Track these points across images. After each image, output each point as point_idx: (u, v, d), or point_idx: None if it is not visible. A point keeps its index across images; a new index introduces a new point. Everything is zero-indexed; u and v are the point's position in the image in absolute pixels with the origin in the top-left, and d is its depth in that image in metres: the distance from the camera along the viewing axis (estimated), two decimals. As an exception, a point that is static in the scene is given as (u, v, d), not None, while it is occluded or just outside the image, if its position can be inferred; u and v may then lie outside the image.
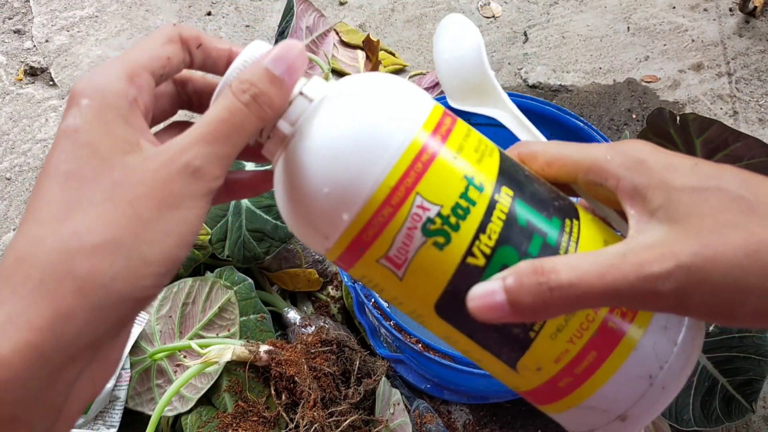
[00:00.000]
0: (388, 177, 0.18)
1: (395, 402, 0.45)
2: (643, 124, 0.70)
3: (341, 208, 0.19)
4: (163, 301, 0.50)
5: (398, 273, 0.19)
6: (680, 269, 0.16)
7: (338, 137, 0.19)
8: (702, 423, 0.47)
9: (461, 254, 0.19)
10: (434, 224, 0.18)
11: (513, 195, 0.19)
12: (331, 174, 0.18)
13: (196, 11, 0.81)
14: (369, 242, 0.19)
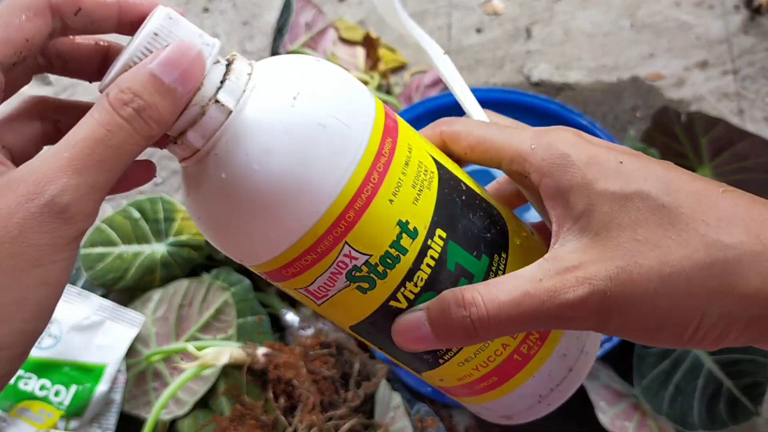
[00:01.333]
0: (316, 225, 0.17)
1: (396, 406, 0.44)
2: (648, 122, 0.69)
3: (262, 245, 0.17)
4: (159, 303, 0.50)
5: (317, 302, 0.19)
6: (595, 295, 0.16)
7: (266, 171, 0.16)
8: (707, 426, 0.46)
9: (384, 299, 0.18)
10: (360, 272, 0.18)
11: (446, 237, 0.18)
12: (255, 209, 0.16)
13: (192, 7, 0.80)
14: (289, 276, 0.18)
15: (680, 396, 0.46)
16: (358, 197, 0.17)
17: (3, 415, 0.46)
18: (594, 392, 0.48)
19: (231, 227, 0.17)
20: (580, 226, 0.17)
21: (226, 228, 0.17)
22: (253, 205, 0.16)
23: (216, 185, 0.16)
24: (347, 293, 0.18)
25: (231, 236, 0.17)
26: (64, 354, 0.47)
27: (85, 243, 0.54)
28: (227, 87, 0.17)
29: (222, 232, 0.18)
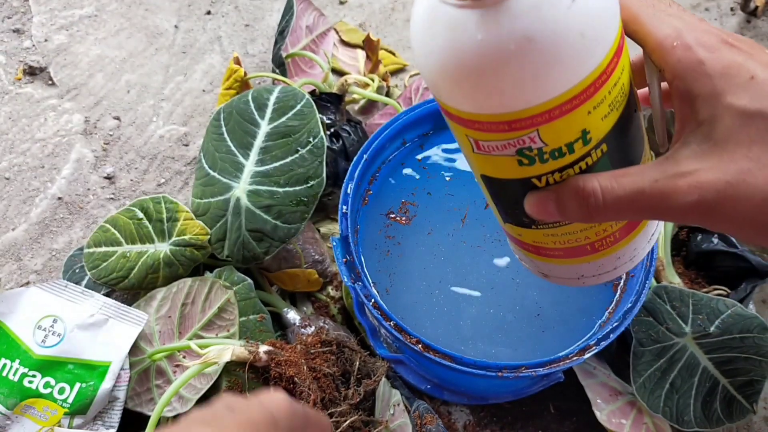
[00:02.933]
0: (531, 108, 0.19)
1: (395, 403, 0.45)
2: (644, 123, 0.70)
3: (484, 96, 0.19)
4: (163, 302, 0.50)
5: (475, 149, 0.21)
6: (702, 204, 0.18)
7: (544, 29, 0.18)
8: (703, 424, 0.46)
9: (531, 175, 0.21)
10: (530, 152, 0.20)
11: (606, 151, 0.21)
12: (502, 70, 0.18)
13: (195, 10, 0.81)
14: (474, 128, 0.20)
15: (676, 394, 0.47)
16: (572, 102, 0.19)
17: (8, 413, 0.46)
18: (591, 390, 0.48)
19: (484, 71, 0.18)
20: (702, 132, 0.19)
21: (478, 71, 0.18)
22: (530, 57, 0.18)
23: (505, 31, 0.18)
24: (506, 159, 0.21)
25: (475, 79, 0.19)
26: (68, 352, 0.48)
27: (89, 243, 0.54)
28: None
29: (470, 74, 0.19)
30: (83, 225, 0.64)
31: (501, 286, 0.45)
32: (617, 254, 0.25)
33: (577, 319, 0.44)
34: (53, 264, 0.62)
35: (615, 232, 0.24)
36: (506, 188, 0.22)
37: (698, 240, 0.53)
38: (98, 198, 0.66)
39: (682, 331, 0.47)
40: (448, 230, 0.47)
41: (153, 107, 0.72)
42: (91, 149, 0.69)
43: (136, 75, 0.75)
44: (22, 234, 0.63)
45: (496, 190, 0.23)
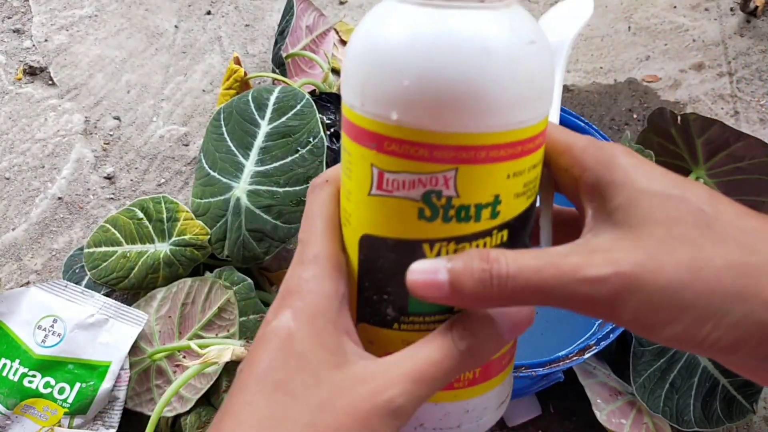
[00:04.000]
0: (464, 134, 0.17)
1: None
2: (644, 123, 0.70)
3: (406, 105, 0.17)
4: (163, 302, 0.50)
5: (373, 189, 0.18)
6: (618, 276, 0.16)
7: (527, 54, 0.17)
8: (703, 424, 0.46)
9: (427, 237, 0.18)
10: (438, 199, 0.18)
11: (504, 240, 0.19)
12: (456, 76, 0.16)
13: (195, 10, 0.81)
14: (390, 153, 0.17)
15: (676, 394, 0.47)
16: (501, 148, 0.17)
17: (8, 413, 0.46)
18: (591, 390, 0.48)
19: (405, 83, 0.17)
20: (615, 219, 0.18)
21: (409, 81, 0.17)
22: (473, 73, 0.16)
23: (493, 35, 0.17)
24: (407, 207, 0.18)
25: (402, 87, 0.17)
26: (68, 352, 0.48)
27: (89, 243, 0.54)
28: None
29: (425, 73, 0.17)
30: (83, 225, 0.64)
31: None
32: (467, 404, 0.21)
33: (576, 319, 0.44)
34: (53, 264, 0.62)
35: (475, 371, 0.20)
36: (388, 255, 0.19)
37: (698, 240, 0.53)
38: (98, 198, 0.66)
39: (682, 331, 0.47)
40: (448, 230, 0.47)
41: (153, 107, 0.72)
42: (91, 149, 0.69)
43: (136, 75, 0.75)
44: (22, 234, 0.63)
45: (373, 260, 0.19)
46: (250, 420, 0.17)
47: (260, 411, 0.17)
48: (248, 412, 0.17)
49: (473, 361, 0.18)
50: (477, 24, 0.17)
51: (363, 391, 0.17)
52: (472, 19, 0.17)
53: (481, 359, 0.19)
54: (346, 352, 0.18)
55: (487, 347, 0.19)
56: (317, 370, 0.18)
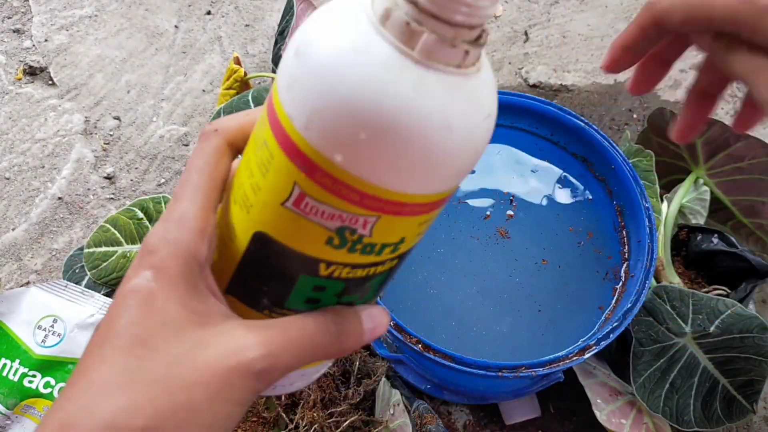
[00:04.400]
0: (395, 193, 0.17)
1: (395, 403, 0.45)
2: (644, 123, 0.70)
3: (354, 155, 0.16)
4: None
5: (288, 203, 0.17)
6: None
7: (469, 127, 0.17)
8: (703, 424, 0.46)
9: (328, 259, 0.18)
10: (352, 235, 0.18)
11: (392, 267, 0.20)
12: (416, 143, 0.16)
13: (195, 10, 0.81)
14: (319, 179, 0.17)
15: (676, 394, 0.47)
16: (426, 206, 0.18)
17: (8, 413, 0.46)
18: (591, 390, 0.48)
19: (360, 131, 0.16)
20: None
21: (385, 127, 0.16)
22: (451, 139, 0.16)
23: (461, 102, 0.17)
24: (316, 231, 0.18)
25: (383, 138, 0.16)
26: (68, 352, 0.48)
27: (89, 243, 0.54)
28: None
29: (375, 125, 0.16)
30: (83, 225, 0.64)
31: (502, 286, 0.45)
32: (304, 371, 0.22)
33: (576, 319, 0.44)
34: (53, 264, 0.62)
35: None
36: (280, 259, 0.18)
37: (698, 240, 0.54)
38: (98, 198, 0.66)
39: (682, 331, 0.47)
40: (449, 230, 0.47)
41: (153, 107, 0.72)
42: (91, 149, 0.69)
43: (136, 75, 0.75)
44: (22, 234, 0.63)
45: (262, 256, 0.19)
46: (102, 376, 0.16)
47: (115, 366, 0.16)
48: (102, 369, 0.16)
49: (338, 347, 0.19)
50: (449, 95, 0.16)
51: (227, 348, 0.17)
52: (445, 88, 0.16)
53: (343, 349, 0.19)
54: (210, 312, 0.18)
55: (351, 339, 0.19)
56: (179, 326, 0.17)
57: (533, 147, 0.51)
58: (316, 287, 0.19)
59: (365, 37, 0.16)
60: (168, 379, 0.16)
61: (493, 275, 0.45)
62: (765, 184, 0.53)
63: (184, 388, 0.16)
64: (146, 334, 0.17)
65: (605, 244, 0.47)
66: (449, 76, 0.16)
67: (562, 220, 0.48)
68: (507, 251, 0.46)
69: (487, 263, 0.46)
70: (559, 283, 0.45)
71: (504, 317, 0.44)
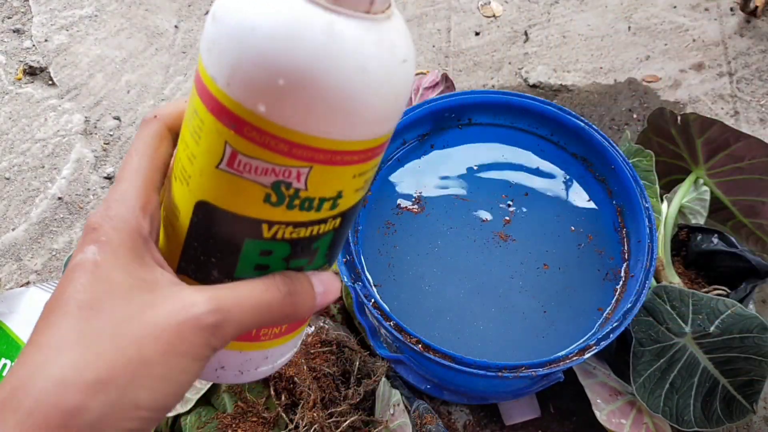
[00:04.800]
0: (321, 139, 0.17)
1: (395, 403, 0.45)
2: (644, 123, 0.70)
3: (276, 103, 0.17)
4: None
5: (222, 164, 0.18)
6: None
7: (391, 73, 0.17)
8: (703, 424, 0.46)
9: (268, 218, 0.18)
10: (287, 189, 0.18)
11: (336, 227, 0.20)
12: (336, 88, 0.16)
13: (195, 10, 0.81)
14: (247, 133, 0.17)
15: (676, 394, 0.47)
16: (357, 154, 0.18)
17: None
18: (591, 390, 0.48)
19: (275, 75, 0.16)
20: None
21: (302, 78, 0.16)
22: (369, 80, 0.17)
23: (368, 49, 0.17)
24: (253, 189, 0.18)
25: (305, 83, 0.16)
26: (68, 352, 0.48)
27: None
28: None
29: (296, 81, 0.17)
30: (83, 225, 0.64)
31: (502, 286, 0.45)
32: (267, 352, 0.22)
33: (576, 319, 0.44)
34: (53, 264, 0.62)
35: (285, 325, 0.22)
36: (223, 226, 0.19)
37: (698, 240, 0.54)
38: (98, 198, 0.66)
39: (682, 331, 0.47)
40: (448, 230, 0.47)
41: (153, 107, 0.72)
42: (91, 149, 0.69)
43: (136, 75, 0.75)
44: (22, 234, 0.63)
45: (206, 226, 0.19)
46: (51, 339, 0.16)
47: (62, 329, 0.16)
48: (50, 333, 0.16)
49: (290, 308, 0.19)
50: (360, 38, 0.17)
51: (175, 305, 0.17)
52: (356, 31, 0.17)
53: (295, 310, 0.19)
54: (158, 280, 0.18)
55: (302, 300, 0.20)
56: (126, 291, 0.17)
57: (533, 147, 0.51)
58: (262, 252, 0.19)
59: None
60: (117, 336, 0.17)
61: (493, 275, 0.45)
62: (765, 184, 0.53)
63: (133, 343, 0.16)
64: (93, 299, 0.17)
65: (605, 244, 0.47)
66: (359, 20, 0.17)
67: (562, 220, 0.48)
68: (507, 251, 0.46)
69: (486, 263, 0.46)
70: (559, 283, 0.45)
71: (504, 317, 0.44)
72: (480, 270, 0.46)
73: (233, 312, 0.18)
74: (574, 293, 0.45)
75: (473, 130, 0.52)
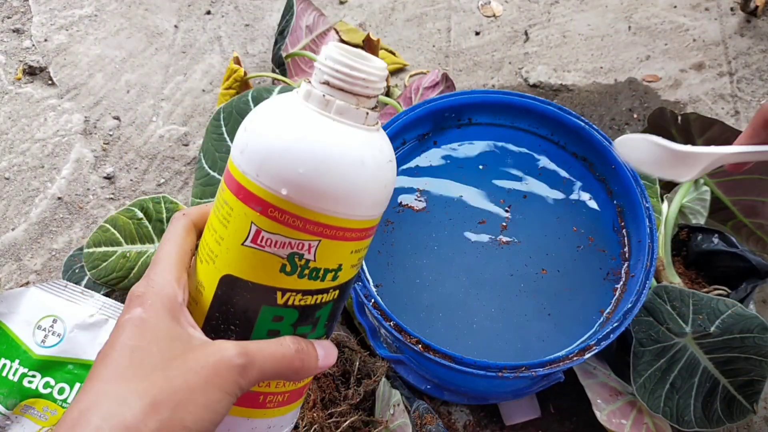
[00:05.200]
0: (329, 217, 0.22)
1: (395, 403, 0.45)
2: (644, 123, 0.70)
3: (296, 187, 0.22)
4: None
5: (248, 241, 0.23)
6: None
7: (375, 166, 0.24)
8: (703, 424, 0.46)
9: (282, 286, 0.23)
10: (300, 260, 0.23)
11: (335, 298, 0.25)
12: (341, 176, 0.22)
13: (195, 10, 0.81)
14: (271, 214, 0.22)
15: (677, 394, 0.47)
16: (358, 232, 0.23)
17: (7, 413, 0.46)
18: (591, 390, 0.48)
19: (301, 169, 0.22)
20: None
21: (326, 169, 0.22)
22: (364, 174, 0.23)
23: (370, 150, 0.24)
24: (272, 261, 0.23)
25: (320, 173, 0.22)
26: (68, 352, 0.47)
27: (88, 243, 0.54)
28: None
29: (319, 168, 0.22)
30: (83, 225, 0.64)
31: (502, 285, 0.45)
32: (270, 421, 0.26)
33: (577, 319, 0.44)
34: (53, 264, 0.62)
35: (287, 392, 0.26)
36: (244, 294, 0.23)
37: (698, 240, 0.53)
38: (98, 198, 0.66)
39: (683, 331, 0.47)
40: (449, 231, 0.47)
41: (153, 107, 0.72)
42: (90, 149, 0.69)
43: (135, 75, 0.75)
44: (22, 234, 0.63)
45: (228, 296, 0.24)
46: (111, 374, 0.20)
47: (120, 366, 0.20)
48: (110, 369, 0.20)
49: (299, 363, 0.23)
50: (358, 141, 0.23)
51: (211, 350, 0.22)
52: (355, 136, 0.23)
53: (303, 366, 0.23)
54: (192, 334, 0.23)
55: (308, 359, 0.24)
56: (169, 340, 0.22)
57: (533, 147, 0.51)
58: (275, 317, 0.23)
59: (296, 108, 0.23)
60: (166, 369, 0.20)
61: (493, 275, 0.45)
62: (765, 184, 0.53)
63: (179, 375, 0.20)
64: (142, 343, 0.21)
65: (605, 244, 0.47)
66: (357, 129, 0.23)
67: (562, 220, 0.47)
68: (507, 251, 0.46)
69: (487, 263, 0.46)
70: (560, 283, 0.45)
71: (504, 317, 0.44)
72: (480, 270, 0.45)
73: (257, 357, 0.22)
74: (575, 293, 0.45)
75: (473, 129, 0.52)
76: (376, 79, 0.23)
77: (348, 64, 0.23)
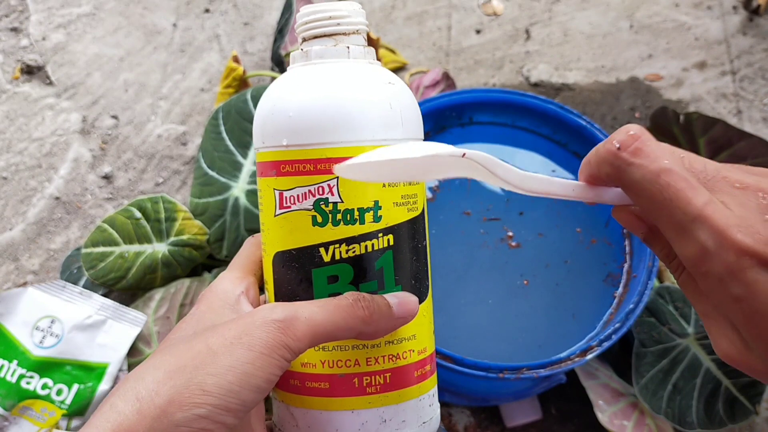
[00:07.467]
0: (334, 149, 0.21)
1: (395, 404, 0.44)
2: (646, 122, 0.70)
3: (292, 131, 0.22)
4: (161, 302, 0.50)
5: (278, 208, 0.23)
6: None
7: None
8: (705, 425, 0.46)
9: (322, 241, 0.22)
10: (326, 206, 0.22)
11: (391, 244, 0.22)
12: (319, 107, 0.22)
13: (194, 8, 0.81)
14: (283, 173, 0.22)
15: (678, 395, 0.47)
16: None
17: (5, 414, 0.46)
18: (593, 391, 0.48)
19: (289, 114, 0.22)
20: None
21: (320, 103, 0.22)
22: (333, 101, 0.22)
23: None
24: (303, 218, 0.22)
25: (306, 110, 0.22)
26: (66, 353, 0.47)
27: (86, 243, 0.54)
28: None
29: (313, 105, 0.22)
30: (81, 225, 0.63)
31: (504, 286, 0.45)
32: (382, 412, 0.22)
33: (579, 320, 0.43)
34: (51, 264, 0.61)
35: (387, 372, 0.22)
36: (293, 264, 0.22)
37: (701, 240, 0.53)
38: (96, 198, 0.65)
39: (685, 331, 0.46)
40: (449, 231, 0.47)
41: (151, 106, 0.72)
42: (88, 148, 0.68)
43: (134, 74, 0.74)
44: (20, 234, 0.63)
45: (282, 273, 0.23)
46: (149, 360, 0.20)
47: (161, 352, 0.20)
48: (151, 357, 0.20)
49: (361, 312, 0.21)
50: (341, 70, 0.23)
51: (248, 314, 0.21)
52: (337, 68, 0.23)
53: (370, 316, 0.21)
54: (244, 310, 0.23)
55: (374, 308, 0.21)
56: (217, 321, 0.22)
57: (535, 146, 0.50)
58: (329, 278, 0.22)
59: (283, 75, 0.24)
60: (191, 339, 0.20)
61: (494, 275, 0.45)
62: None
63: (202, 341, 0.20)
64: (190, 334, 0.22)
65: (608, 245, 0.46)
66: (339, 62, 0.23)
67: (563, 220, 0.47)
68: (508, 252, 0.46)
69: (487, 264, 0.45)
70: (562, 284, 0.44)
71: (506, 317, 0.43)
72: (481, 270, 0.45)
73: (301, 311, 0.20)
74: (577, 294, 0.44)
75: (474, 128, 0.51)
76: (345, 14, 0.23)
77: (313, 11, 0.23)
